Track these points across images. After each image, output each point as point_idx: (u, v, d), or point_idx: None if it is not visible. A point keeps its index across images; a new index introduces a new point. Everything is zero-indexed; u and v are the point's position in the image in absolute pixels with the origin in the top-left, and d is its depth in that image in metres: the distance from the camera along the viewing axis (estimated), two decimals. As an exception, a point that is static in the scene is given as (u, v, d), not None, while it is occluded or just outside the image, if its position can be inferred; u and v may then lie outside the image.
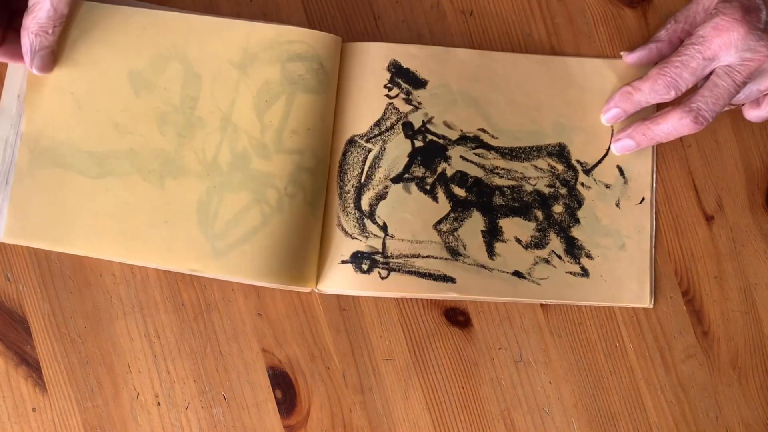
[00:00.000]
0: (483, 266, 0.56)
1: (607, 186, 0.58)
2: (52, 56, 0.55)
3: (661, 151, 0.59)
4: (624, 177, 0.58)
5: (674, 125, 0.55)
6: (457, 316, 0.57)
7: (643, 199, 0.58)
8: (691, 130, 0.55)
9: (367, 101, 0.58)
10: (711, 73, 0.54)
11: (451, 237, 0.56)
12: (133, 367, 0.56)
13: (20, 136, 0.55)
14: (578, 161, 0.58)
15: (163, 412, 0.56)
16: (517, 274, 0.56)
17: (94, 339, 0.56)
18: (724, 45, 0.53)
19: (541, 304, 0.57)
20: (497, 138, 0.58)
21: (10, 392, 0.56)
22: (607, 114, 0.58)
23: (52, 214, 0.55)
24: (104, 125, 0.56)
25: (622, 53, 0.60)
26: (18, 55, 0.55)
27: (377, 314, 0.57)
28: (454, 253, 0.56)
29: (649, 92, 0.55)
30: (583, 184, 0.58)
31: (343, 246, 0.56)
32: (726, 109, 0.58)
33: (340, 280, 0.56)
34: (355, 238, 0.56)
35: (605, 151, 0.59)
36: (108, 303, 0.56)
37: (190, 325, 0.56)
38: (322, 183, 0.56)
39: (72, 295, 0.56)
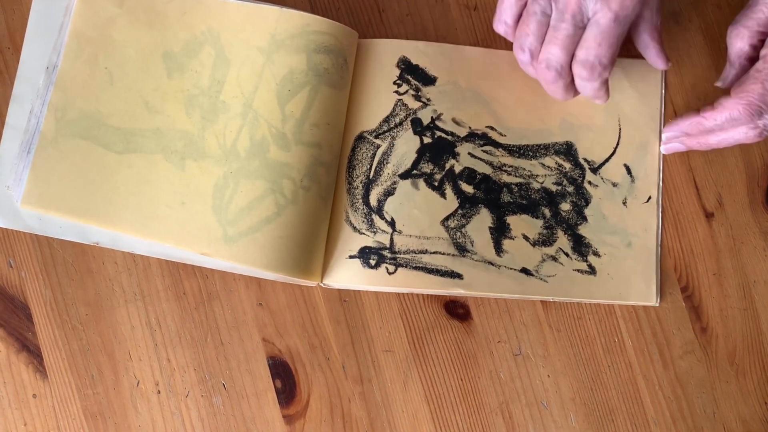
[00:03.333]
0: (490, 263, 0.56)
1: (614, 184, 0.58)
2: None
3: (663, 149, 0.60)
4: (631, 176, 0.58)
5: (736, 138, 0.54)
6: (456, 309, 0.57)
7: (649, 198, 0.58)
8: (752, 141, 0.54)
9: (376, 97, 0.58)
10: None
11: (458, 233, 0.56)
12: (133, 354, 0.56)
13: (47, 105, 0.56)
14: (585, 159, 0.58)
15: (163, 400, 0.56)
16: (525, 271, 0.57)
17: (95, 326, 0.56)
18: None
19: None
20: (505, 135, 0.58)
21: (11, 378, 0.56)
22: (668, 145, 0.57)
23: (71, 184, 0.55)
24: (134, 103, 0.56)
25: (717, 84, 0.57)
26: None
27: (377, 306, 0.57)
28: (462, 250, 0.56)
29: (728, 121, 0.53)
30: (590, 183, 0.58)
31: (351, 241, 0.56)
32: None
33: (347, 274, 0.56)
34: (363, 234, 0.56)
35: (612, 149, 0.59)
36: (110, 291, 0.57)
37: (191, 314, 0.57)
38: (334, 178, 0.57)
39: (74, 282, 0.56)
